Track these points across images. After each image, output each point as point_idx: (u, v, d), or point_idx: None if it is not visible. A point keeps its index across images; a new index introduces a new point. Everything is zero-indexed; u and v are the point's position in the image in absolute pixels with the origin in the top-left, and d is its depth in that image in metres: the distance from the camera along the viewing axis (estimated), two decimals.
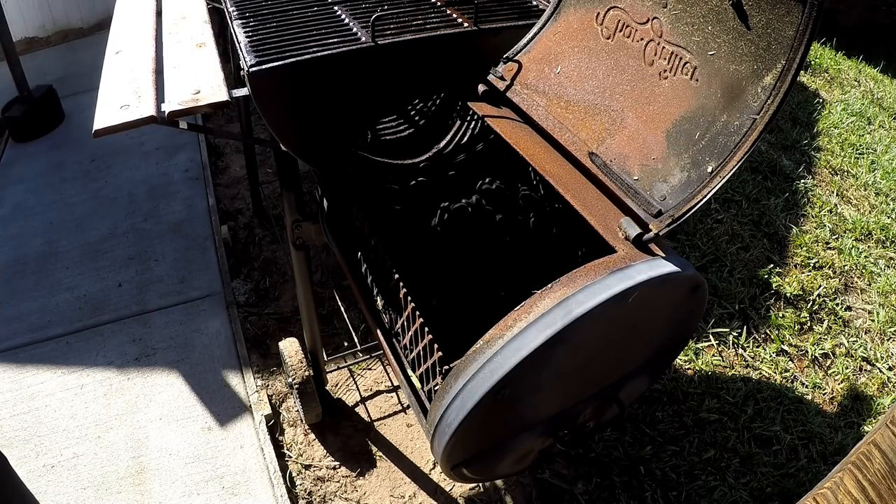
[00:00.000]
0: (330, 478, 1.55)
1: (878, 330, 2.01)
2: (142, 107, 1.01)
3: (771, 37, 0.80)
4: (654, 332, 0.96)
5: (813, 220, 2.40)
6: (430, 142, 1.24)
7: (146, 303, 1.95)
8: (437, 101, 1.28)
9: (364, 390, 1.74)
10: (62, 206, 2.34)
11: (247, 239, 2.21)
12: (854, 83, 3.60)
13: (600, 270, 0.81)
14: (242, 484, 1.50)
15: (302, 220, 1.23)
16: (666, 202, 0.87)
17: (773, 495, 1.53)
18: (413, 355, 0.93)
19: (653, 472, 1.55)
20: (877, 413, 1.76)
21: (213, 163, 2.57)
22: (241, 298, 1.99)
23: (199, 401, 1.68)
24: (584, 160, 0.97)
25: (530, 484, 1.53)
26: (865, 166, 2.77)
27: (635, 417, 1.67)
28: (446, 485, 1.53)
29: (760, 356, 1.88)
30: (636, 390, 1.14)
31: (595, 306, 0.77)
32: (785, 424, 1.70)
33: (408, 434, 1.64)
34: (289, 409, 1.70)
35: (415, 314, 0.86)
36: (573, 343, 0.80)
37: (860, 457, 0.61)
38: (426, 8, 1.29)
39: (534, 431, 0.96)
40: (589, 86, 1.02)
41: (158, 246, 2.16)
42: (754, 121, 0.81)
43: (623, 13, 0.99)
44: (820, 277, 2.15)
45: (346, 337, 1.87)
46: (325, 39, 1.14)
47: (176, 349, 1.82)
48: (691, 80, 0.89)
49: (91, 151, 2.61)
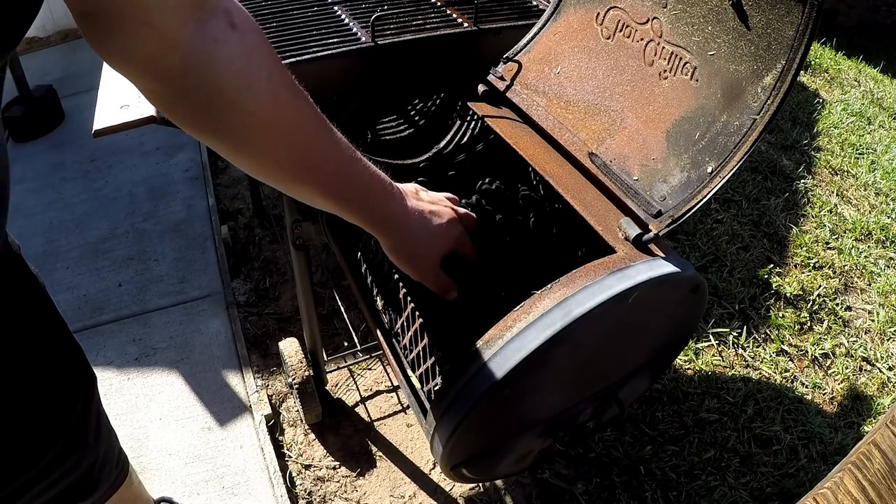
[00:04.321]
0: (330, 478, 1.55)
1: (878, 330, 2.01)
2: (142, 107, 1.01)
3: (771, 37, 0.80)
4: (654, 332, 0.96)
5: (813, 220, 2.40)
6: (430, 142, 1.24)
7: (146, 303, 1.95)
8: (437, 101, 1.28)
9: (364, 390, 1.74)
10: (62, 206, 2.34)
11: (247, 239, 2.21)
12: (854, 83, 3.60)
13: (600, 271, 0.81)
14: (242, 484, 1.50)
15: (302, 220, 1.23)
16: (666, 202, 0.87)
17: (773, 495, 1.53)
18: (413, 355, 0.93)
19: (653, 471, 1.55)
20: (877, 413, 1.76)
21: (213, 163, 2.57)
22: (241, 298, 1.99)
23: (199, 401, 1.68)
24: (583, 160, 0.97)
25: (530, 484, 1.53)
26: (865, 166, 2.77)
27: (635, 417, 1.67)
28: (446, 485, 1.53)
29: (760, 356, 1.88)
30: (636, 390, 1.14)
31: (595, 306, 0.77)
32: (785, 424, 1.70)
33: (408, 434, 1.64)
34: (289, 409, 1.70)
35: (414, 314, 0.86)
36: (573, 343, 0.80)
37: (860, 457, 0.61)
38: (426, 8, 1.29)
39: (534, 431, 0.96)
40: (589, 86, 1.02)
41: (158, 246, 2.16)
42: (754, 121, 0.81)
43: (623, 13, 0.99)
44: (820, 277, 2.15)
45: (346, 337, 1.87)
46: (325, 39, 1.14)
47: (176, 349, 1.82)
48: (691, 80, 0.89)
49: (91, 151, 2.61)
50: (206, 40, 0.54)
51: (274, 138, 0.60)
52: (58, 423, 0.81)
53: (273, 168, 0.63)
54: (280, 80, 0.59)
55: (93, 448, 0.90)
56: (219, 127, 0.58)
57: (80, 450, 0.87)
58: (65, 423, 0.82)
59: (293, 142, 0.61)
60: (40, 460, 0.80)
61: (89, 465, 0.91)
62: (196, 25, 0.54)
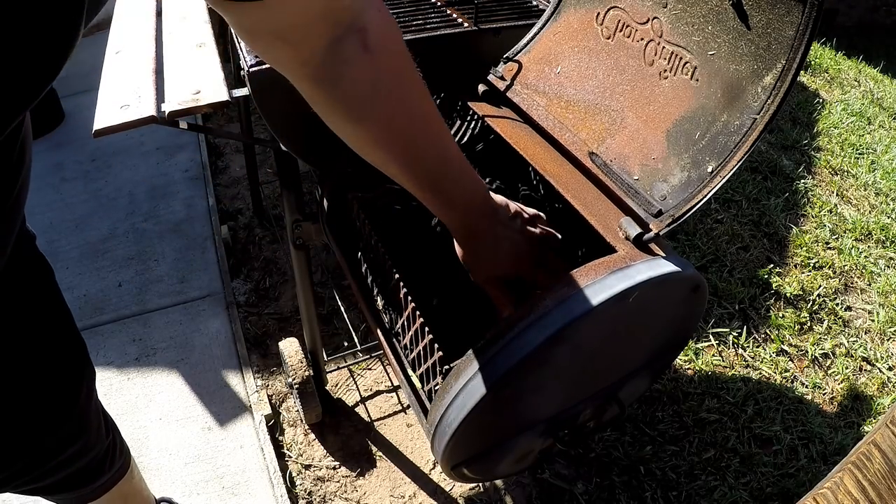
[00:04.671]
0: (330, 478, 1.55)
1: (878, 330, 2.01)
2: (142, 107, 1.01)
3: (771, 37, 0.80)
4: (654, 331, 0.96)
5: (813, 220, 2.40)
6: None
7: (146, 303, 1.95)
8: (437, 101, 1.28)
9: (364, 390, 1.74)
10: (62, 206, 2.34)
11: (247, 239, 2.21)
12: (854, 83, 3.60)
13: (600, 270, 0.81)
14: (242, 484, 1.50)
15: (302, 220, 1.23)
16: (666, 202, 0.87)
17: (773, 495, 1.53)
18: (413, 355, 0.93)
19: (653, 471, 1.55)
20: (877, 413, 1.76)
21: (213, 163, 2.57)
22: (241, 298, 1.99)
23: (199, 401, 1.68)
24: (584, 160, 0.97)
25: (530, 484, 1.53)
26: (865, 166, 2.77)
27: (635, 417, 1.67)
28: (446, 485, 1.53)
29: (760, 356, 1.88)
30: (636, 390, 1.14)
31: (595, 306, 0.77)
32: (785, 424, 1.70)
33: (408, 434, 1.64)
34: (289, 409, 1.70)
35: (415, 314, 0.86)
36: (573, 343, 0.80)
37: (860, 457, 0.61)
38: (426, 8, 1.29)
39: (534, 431, 0.96)
40: (589, 86, 1.02)
41: (158, 246, 2.16)
42: (754, 121, 0.81)
43: (623, 13, 0.99)
44: (820, 277, 2.15)
45: (346, 337, 1.87)
46: None
47: (176, 349, 1.82)
48: (691, 80, 0.89)
49: (91, 151, 2.61)
50: (336, 61, 0.58)
51: (385, 152, 0.67)
52: (64, 408, 0.82)
53: (382, 167, 0.69)
54: (400, 104, 0.64)
55: (94, 437, 0.91)
56: (341, 132, 0.66)
57: (83, 438, 0.87)
58: (70, 409, 0.83)
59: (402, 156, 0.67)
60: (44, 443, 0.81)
61: (92, 453, 0.92)
62: (330, 44, 0.57)
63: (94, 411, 0.90)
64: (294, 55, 0.57)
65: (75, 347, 0.85)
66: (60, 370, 0.82)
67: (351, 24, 0.57)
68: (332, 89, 0.60)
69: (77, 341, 0.86)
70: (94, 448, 0.92)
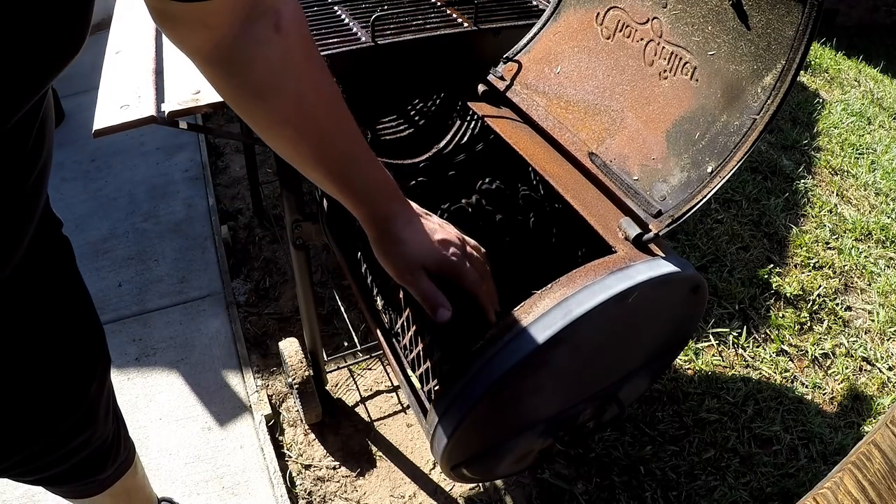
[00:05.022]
0: (330, 478, 1.55)
1: (878, 330, 2.01)
2: (142, 107, 1.01)
3: (771, 37, 0.80)
4: (654, 332, 0.96)
5: (813, 220, 2.40)
6: (429, 142, 1.24)
7: (146, 303, 1.95)
8: (437, 101, 1.28)
9: (364, 390, 1.74)
10: (62, 207, 2.34)
11: (247, 239, 2.21)
12: (854, 83, 3.60)
13: (600, 270, 0.81)
14: (242, 484, 1.50)
15: (302, 220, 1.23)
16: (666, 202, 0.87)
17: (773, 495, 1.53)
18: (413, 355, 0.93)
19: (653, 471, 1.55)
20: (877, 413, 1.76)
21: (213, 163, 2.57)
22: (241, 298, 1.99)
23: (199, 401, 1.68)
24: (583, 160, 0.97)
25: (530, 484, 1.53)
26: (865, 166, 2.77)
27: (635, 417, 1.67)
28: (446, 485, 1.53)
29: (760, 356, 1.88)
30: (636, 390, 1.14)
31: (595, 306, 0.77)
32: (785, 424, 1.70)
33: (408, 434, 1.64)
34: (289, 409, 1.70)
35: (415, 314, 0.86)
36: (573, 343, 0.80)
37: (860, 457, 0.61)
38: (426, 8, 1.29)
39: (534, 431, 0.96)
40: (589, 86, 1.02)
41: (158, 246, 2.16)
42: (754, 121, 0.81)
43: (623, 13, 0.99)
44: (820, 277, 2.15)
45: (346, 337, 1.87)
46: (324, 39, 1.14)
47: (176, 349, 1.82)
48: (691, 80, 0.89)
49: (91, 151, 2.61)
50: (249, 41, 0.60)
51: (294, 130, 0.66)
52: (79, 393, 0.82)
53: (292, 154, 0.70)
54: (310, 82, 0.65)
55: (102, 427, 0.91)
56: (249, 113, 0.66)
57: (91, 428, 0.88)
58: (84, 395, 0.83)
59: (312, 136, 0.68)
60: (52, 432, 0.81)
61: (98, 444, 0.92)
62: (243, 26, 0.60)
63: (104, 399, 0.90)
64: (209, 38, 0.59)
65: (94, 333, 0.86)
66: (78, 355, 0.82)
67: (266, 9, 0.60)
68: (242, 68, 0.61)
69: (96, 327, 0.86)
70: (100, 437, 0.92)
